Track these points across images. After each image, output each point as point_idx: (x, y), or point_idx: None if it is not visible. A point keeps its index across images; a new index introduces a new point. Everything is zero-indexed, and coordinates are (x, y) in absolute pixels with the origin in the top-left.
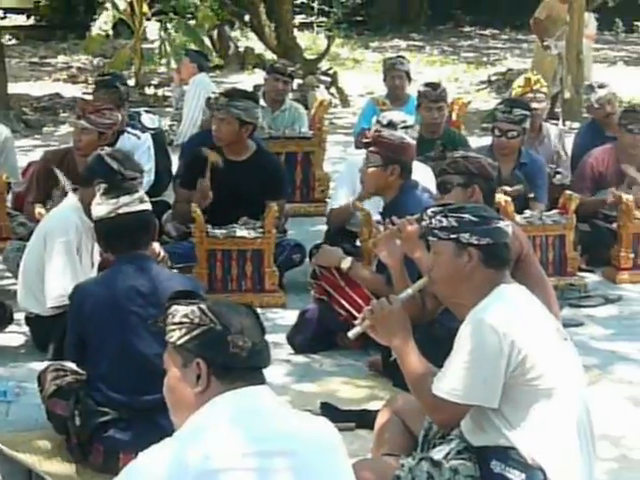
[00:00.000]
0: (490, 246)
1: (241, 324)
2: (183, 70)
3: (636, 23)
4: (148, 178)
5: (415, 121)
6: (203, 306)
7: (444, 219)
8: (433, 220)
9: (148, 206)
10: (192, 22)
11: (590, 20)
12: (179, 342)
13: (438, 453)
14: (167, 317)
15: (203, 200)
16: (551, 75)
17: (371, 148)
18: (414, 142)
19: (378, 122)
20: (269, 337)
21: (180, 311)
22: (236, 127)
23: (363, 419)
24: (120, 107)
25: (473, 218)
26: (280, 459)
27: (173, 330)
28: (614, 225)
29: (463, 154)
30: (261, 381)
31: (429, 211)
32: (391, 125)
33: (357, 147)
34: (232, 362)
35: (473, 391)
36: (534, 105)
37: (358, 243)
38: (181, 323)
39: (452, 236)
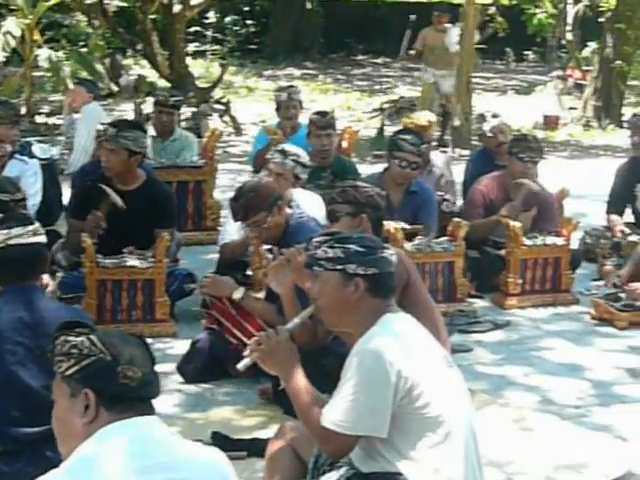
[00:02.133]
0: (376, 276)
1: (131, 354)
2: (77, 98)
3: (526, 52)
4: (34, 201)
5: (307, 150)
6: (92, 337)
7: (330, 250)
8: (319, 251)
9: (41, 239)
10: (84, 50)
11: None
12: (67, 372)
13: None
14: (55, 348)
15: (94, 230)
16: (429, 103)
17: (247, 222)
18: (263, 177)
19: (275, 149)
20: (160, 367)
21: (69, 342)
22: (125, 157)
23: (254, 447)
24: (15, 123)
25: (359, 248)
26: None
27: (62, 361)
28: (502, 251)
29: (352, 183)
30: (150, 411)
31: (314, 241)
32: (282, 152)
33: (256, 171)
34: (121, 392)
35: (361, 422)
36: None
37: (249, 272)
38: (70, 354)
39: (338, 267)
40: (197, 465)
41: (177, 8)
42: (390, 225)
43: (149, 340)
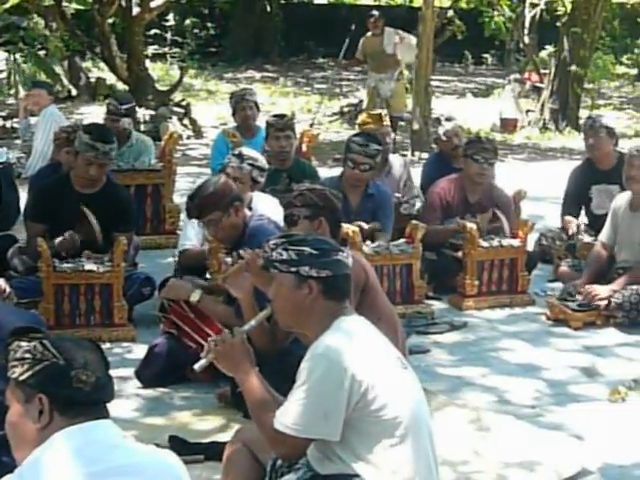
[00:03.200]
0: (330, 278)
1: (84, 359)
2: (39, 100)
3: (484, 56)
4: None
5: (264, 153)
6: (45, 341)
7: (284, 252)
8: (274, 253)
9: None
10: (42, 52)
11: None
12: (21, 378)
13: None
14: (9, 353)
15: (67, 249)
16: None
17: (202, 220)
18: (222, 177)
19: (232, 153)
20: (118, 371)
21: (22, 347)
22: (109, 167)
23: (212, 451)
24: None
25: (313, 251)
26: None
27: (15, 366)
28: (460, 253)
29: (309, 187)
30: (105, 415)
31: (270, 243)
32: (239, 156)
33: None
34: (75, 397)
35: (314, 425)
36: (386, 140)
37: (208, 275)
38: (23, 359)
39: (292, 269)
40: (150, 468)
41: (136, 11)
42: (349, 228)
43: (107, 345)
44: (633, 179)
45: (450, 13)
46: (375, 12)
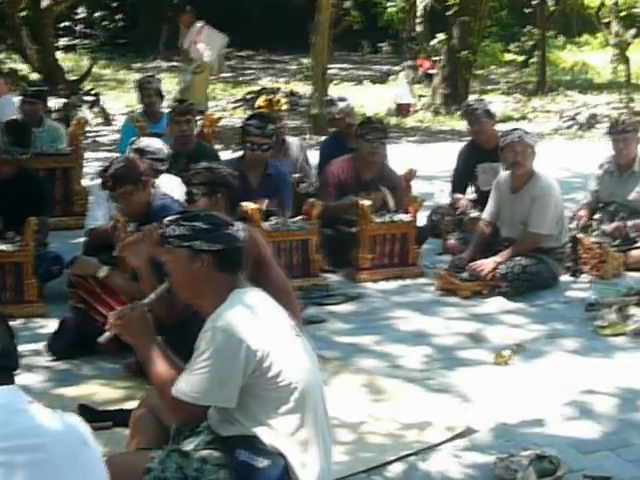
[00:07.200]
0: (222, 252)
1: None
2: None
3: (380, 45)
4: None
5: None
6: None
7: (178, 228)
8: (168, 229)
9: None
10: None
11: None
12: None
13: (188, 445)
14: None
15: None
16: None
17: (114, 193)
18: (130, 159)
19: (132, 148)
20: (30, 346)
21: None
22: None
23: (120, 417)
24: None
25: (205, 226)
26: (25, 454)
27: None
28: (354, 229)
29: (206, 165)
30: (10, 381)
31: (165, 220)
32: (139, 151)
33: None
34: None
35: (210, 393)
36: (281, 123)
37: (115, 253)
38: None
39: (185, 244)
40: (55, 430)
41: (45, 3)
42: (248, 206)
43: (20, 320)
44: (519, 164)
45: (347, 4)
46: (189, 7)
